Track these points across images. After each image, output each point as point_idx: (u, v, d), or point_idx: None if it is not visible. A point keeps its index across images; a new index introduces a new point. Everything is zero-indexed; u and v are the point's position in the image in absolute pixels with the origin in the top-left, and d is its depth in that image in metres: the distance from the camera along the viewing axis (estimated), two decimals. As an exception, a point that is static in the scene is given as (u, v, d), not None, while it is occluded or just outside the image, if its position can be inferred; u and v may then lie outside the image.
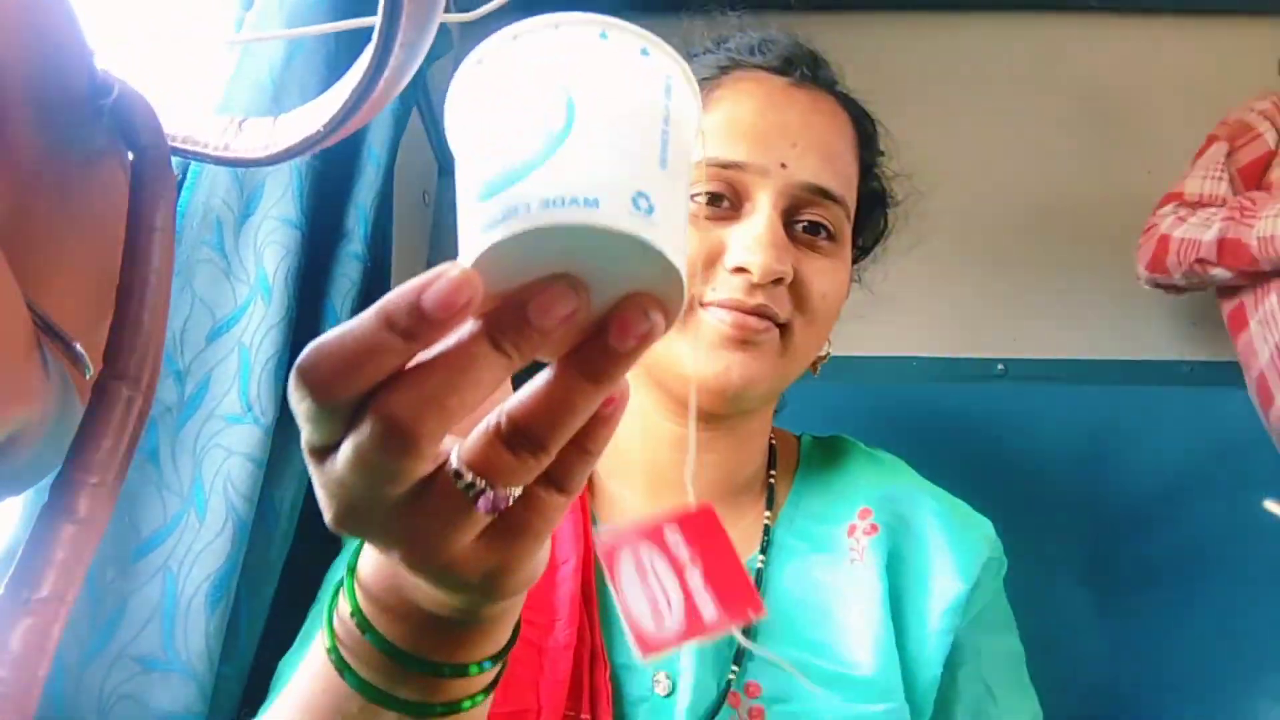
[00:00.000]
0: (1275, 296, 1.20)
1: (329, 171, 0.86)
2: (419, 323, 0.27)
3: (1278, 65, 1.39)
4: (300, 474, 0.79)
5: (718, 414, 0.68)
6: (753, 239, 0.63)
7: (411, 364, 0.28)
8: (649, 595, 0.37)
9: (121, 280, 0.30)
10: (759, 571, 0.69)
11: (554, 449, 0.30)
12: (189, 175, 0.74)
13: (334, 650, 0.37)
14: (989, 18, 1.64)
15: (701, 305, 0.65)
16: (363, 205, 0.89)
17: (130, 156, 0.33)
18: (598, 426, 0.31)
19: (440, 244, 1.44)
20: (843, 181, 0.69)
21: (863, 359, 1.37)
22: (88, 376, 0.30)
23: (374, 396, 0.28)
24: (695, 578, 0.37)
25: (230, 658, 0.69)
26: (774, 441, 0.78)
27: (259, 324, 0.74)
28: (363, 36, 0.34)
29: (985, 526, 0.74)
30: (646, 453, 0.72)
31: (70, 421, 0.29)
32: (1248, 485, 1.15)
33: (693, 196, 0.66)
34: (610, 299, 0.29)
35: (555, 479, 0.32)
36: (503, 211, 0.26)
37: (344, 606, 0.38)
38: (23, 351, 0.26)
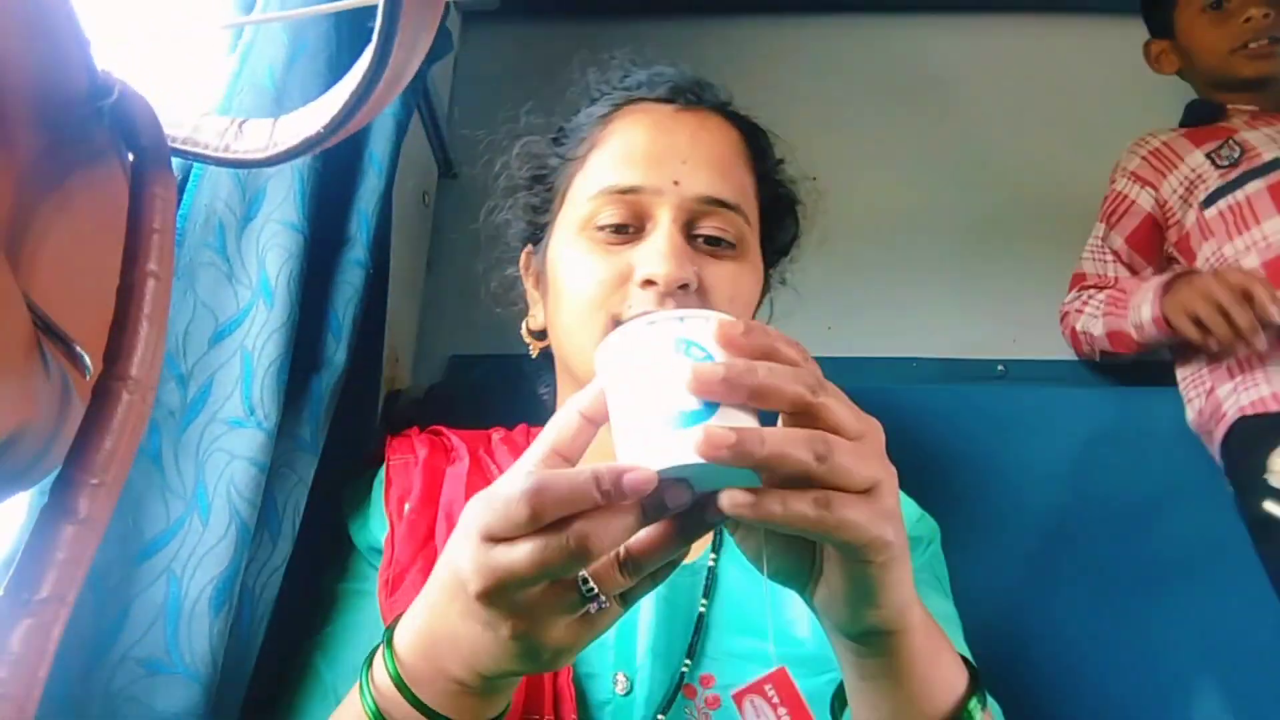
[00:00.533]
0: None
1: (330, 175, 0.85)
2: (615, 490, 0.41)
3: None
4: (301, 478, 0.79)
5: None
6: (654, 252, 0.69)
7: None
8: None
9: (121, 280, 0.30)
10: (711, 569, 0.73)
11: (643, 575, 0.45)
12: (191, 178, 0.74)
13: (372, 707, 0.49)
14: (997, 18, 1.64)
15: (618, 323, 0.69)
16: (364, 211, 0.89)
17: (130, 157, 0.33)
18: (667, 567, 0.47)
19: (439, 246, 1.44)
20: (736, 190, 0.74)
21: (863, 360, 1.37)
22: (88, 377, 0.30)
23: (569, 521, 0.41)
24: None
25: (233, 661, 0.69)
26: None
27: (261, 328, 0.74)
28: (363, 38, 0.34)
29: (908, 506, 0.78)
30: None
31: (70, 422, 0.29)
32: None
33: (599, 227, 0.73)
34: (707, 488, 0.44)
35: (625, 594, 0.46)
36: (680, 443, 0.42)
37: (380, 671, 0.50)
38: (23, 352, 0.26)
